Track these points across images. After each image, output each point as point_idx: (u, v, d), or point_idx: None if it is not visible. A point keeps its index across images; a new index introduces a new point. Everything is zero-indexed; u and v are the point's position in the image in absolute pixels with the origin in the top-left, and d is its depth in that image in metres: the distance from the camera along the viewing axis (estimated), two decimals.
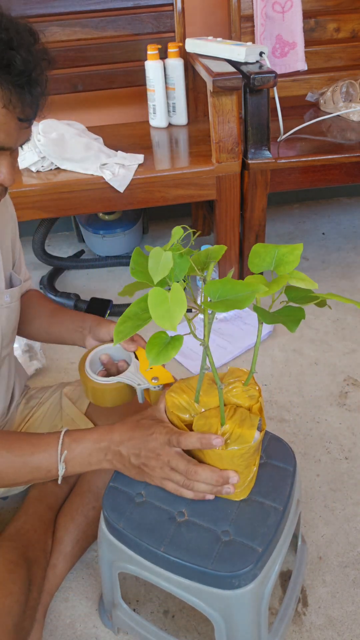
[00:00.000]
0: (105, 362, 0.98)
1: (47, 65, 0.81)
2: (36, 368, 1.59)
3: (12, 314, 0.98)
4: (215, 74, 1.48)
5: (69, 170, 1.62)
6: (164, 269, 0.64)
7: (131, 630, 0.99)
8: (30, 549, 0.99)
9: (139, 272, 0.70)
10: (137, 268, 0.71)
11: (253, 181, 1.64)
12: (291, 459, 0.89)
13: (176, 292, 0.63)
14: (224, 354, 1.62)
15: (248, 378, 0.82)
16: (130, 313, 0.69)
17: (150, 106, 1.86)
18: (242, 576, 0.74)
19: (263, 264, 0.71)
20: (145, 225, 2.30)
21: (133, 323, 0.68)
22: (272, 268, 0.70)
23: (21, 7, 1.76)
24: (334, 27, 1.93)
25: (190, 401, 0.81)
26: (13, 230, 1.03)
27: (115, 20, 1.83)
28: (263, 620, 0.81)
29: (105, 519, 0.84)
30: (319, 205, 2.43)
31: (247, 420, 0.79)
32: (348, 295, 1.86)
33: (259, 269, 0.71)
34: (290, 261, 0.69)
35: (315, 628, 1.00)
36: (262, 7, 1.80)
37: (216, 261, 0.72)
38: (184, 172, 1.60)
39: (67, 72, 1.88)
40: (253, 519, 0.80)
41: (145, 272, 0.69)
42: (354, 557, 1.11)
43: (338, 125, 1.83)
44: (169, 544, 0.77)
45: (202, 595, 0.77)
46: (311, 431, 1.38)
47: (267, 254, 0.71)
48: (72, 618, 1.05)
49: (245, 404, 0.81)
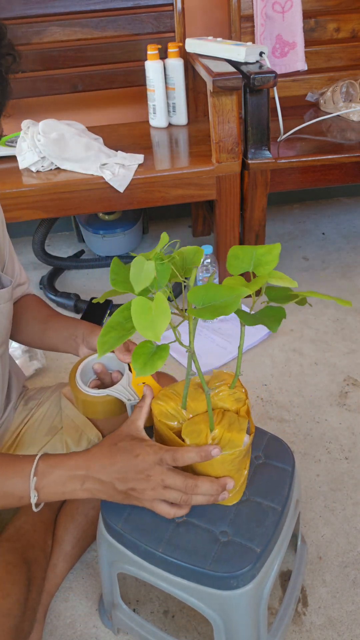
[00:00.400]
0: (98, 371, 0.94)
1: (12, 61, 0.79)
2: (36, 368, 1.59)
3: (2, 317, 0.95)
4: (215, 74, 1.48)
5: (69, 170, 1.62)
6: (146, 278, 0.62)
7: (131, 631, 0.99)
8: (30, 550, 0.99)
9: (119, 283, 0.69)
10: (118, 278, 0.69)
11: (253, 181, 1.64)
12: (290, 459, 0.89)
13: (159, 301, 0.61)
14: (224, 354, 1.62)
15: (234, 381, 0.81)
16: (114, 323, 0.67)
17: (150, 106, 1.86)
18: (240, 577, 0.74)
19: (242, 265, 0.70)
20: (145, 225, 2.30)
21: (117, 334, 0.66)
22: (251, 269, 0.70)
23: (21, 7, 1.76)
24: (334, 27, 1.93)
25: (178, 408, 0.80)
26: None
27: (115, 20, 1.83)
28: (262, 620, 0.81)
29: (103, 520, 0.84)
30: (319, 205, 2.43)
31: (235, 424, 0.78)
32: (348, 295, 1.86)
33: (238, 271, 0.70)
34: (269, 261, 0.69)
35: (315, 628, 1.00)
36: (262, 7, 1.80)
37: (197, 266, 0.71)
38: (184, 172, 1.60)
39: (67, 72, 1.88)
40: (251, 519, 0.80)
41: (126, 282, 0.67)
42: (354, 557, 1.11)
43: (338, 125, 1.82)
44: (167, 544, 0.77)
45: (200, 595, 0.77)
46: (311, 431, 1.38)
47: (246, 256, 0.70)
48: (72, 618, 1.05)
49: (233, 407, 0.80)
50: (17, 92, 1.85)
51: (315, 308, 1.81)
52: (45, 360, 1.64)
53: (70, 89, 1.90)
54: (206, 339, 1.69)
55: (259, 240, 1.76)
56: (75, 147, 1.60)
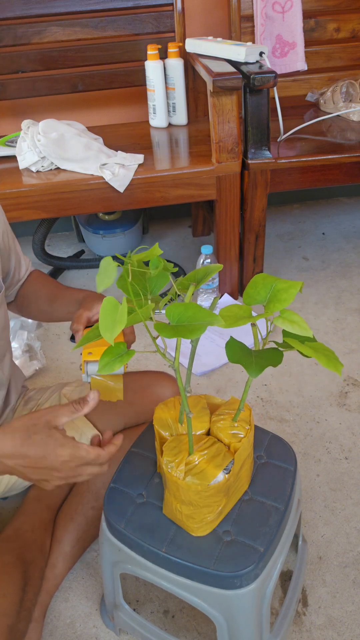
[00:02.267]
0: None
1: None
2: (36, 368, 1.59)
3: None
4: (215, 74, 1.48)
5: (69, 170, 1.62)
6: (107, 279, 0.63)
7: (133, 632, 0.99)
8: (28, 550, 0.99)
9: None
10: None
11: (253, 181, 1.64)
12: (292, 459, 0.89)
13: (123, 307, 0.62)
14: (224, 353, 1.62)
15: (236, 414, 0.79)
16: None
17: (150, 106, 1.86)
18: (244, 576, 0.74)
19: (257, 297, 0.68)
20: (145, 225, 2.30)
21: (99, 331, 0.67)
22: (265, 303, 0.67)
23: (21, 7, 1.75)
24: (334, 27, 1.93)
25: (175, 420, 0.80)
26: None
27: (115, 20, 1.83)
28: (265, 619, 0.81)
29: (106, 520, 0.84)
30: (319, 205, 2.43)
31: (217, 458, 0.75)
32: (348, 295, 1.86)
33: (252, 302, 0.68)
34: (283, 299, 0.65)
35: (315, 628, 1.01)
36: (262, 7, 1.80)
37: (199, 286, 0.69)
38: (184, 172, 1.60)
39: (67, 72, 1.88)
40: (254, 518, 0.80)
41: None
42: (354, 557, 1.11)
43: (338, 125, 1.83)
44: (170, 544, 0.77)
45: (204, 595, 0.77)
46: (311, 431, 1.38)
47: (264, 287, 0.68)
48: (72, 618, 1.05)
49: (226, 441, 0.78)
50: (17, 92, 1.86)
51: (315, 308, 1.81)
52: (45, 360, 1.64)
53: (70, 89, 1.90)
54: (206, 339, 1.69)
55: (259, 240, 1.76)
56: (75, 147, 1.60)
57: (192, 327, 0.61)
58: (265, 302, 0.67)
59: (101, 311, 0.63)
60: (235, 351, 0.65)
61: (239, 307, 0.66)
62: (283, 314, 0.64)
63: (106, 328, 0.62)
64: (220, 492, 0.75)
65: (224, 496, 0.76)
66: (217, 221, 1.70)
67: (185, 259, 2.13)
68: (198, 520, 0.76)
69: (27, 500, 1.11)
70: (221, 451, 0.77)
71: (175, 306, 0.63)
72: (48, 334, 1.78)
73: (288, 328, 0.63)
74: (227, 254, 1.76)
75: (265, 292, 0.67)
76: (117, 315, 0.62)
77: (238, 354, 0.65)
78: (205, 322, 0.61)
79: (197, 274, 0.70)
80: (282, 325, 0.64)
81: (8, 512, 1.22)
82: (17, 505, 1.22)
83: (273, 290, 0.67)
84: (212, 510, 0.76)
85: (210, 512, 0.76)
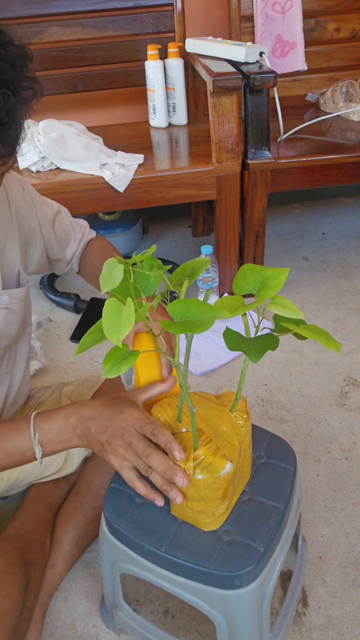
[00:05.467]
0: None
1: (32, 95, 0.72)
2: (36, 368, 1.59)
3: (12, 316, 0.94)
4: (215, 74, 1.48)
5: (69, 170, 1.62)
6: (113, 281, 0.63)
7: (133, 632, 0.99)
8: (29, 550, 0.99)
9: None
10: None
11: (253, 181, 1.64)
12: (292, 459, 0.89)
13: (128, 307, 0.62)
14: (223, 353, 1.62)
15: (234, 405, 0.80)
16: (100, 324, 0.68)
17: (150, 106, 1.86)
18: (244, 576, 0.74)
19: (247, 287, 0.69)
20: (145, 225, 2.30)
21: (98, 335, 0.67)
22: (255, 291, 0.69)
23: (21, 7, 1.75)
24: (334, 27, 1.93)
25: (174, 418, 0.80)
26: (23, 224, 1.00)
27: (115, 20, 1.83)
28: (265, 619, 0.81)
29: (106, 520, 0.84)
30: (319, 205, 2.43)
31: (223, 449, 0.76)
32: (348, 295, 1.86)
33: (241, 292, 0.69)
34: (273, 286, 0.67)
35: (315, 628, 1.01)
36: (262, 7, 1.80)
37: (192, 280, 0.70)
38: (184, 172, 1.60)
39: (67, 72, 1.88)
40: (254, 518, 0.80)
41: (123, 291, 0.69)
42: (354, 557, 1.11)
43: (338, 125, 1.83)
44: (170, 544, 0.77)
45: (203, 595, 0.77)
46: (311, 431, 1.38)
47: (252, 277, 0.69)
48: (72, 618, 1.05)
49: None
50: None
51: (315, 308, 1.81)
52: (45, 360, 1.64)
53: (70, 89, 1.90)
54: (206, 339, 1.69)
55: (259, 240, 1.76)
56: (75, 147, 1.60)
57: (199, 321, 0.62)
58: (255, 290, 0.69)
59: (104, 313, 0.62)
60: (234, 340, 0.66)
61: (232, 298, 0.67)
62: (274, 299, 0.66)
63: (112, 330, 0.61)
64: (229, 482, 0.76)
65: (231, 486, 0.78)
66: (217, 221, 1.70)
67: (185, 259, 2.13)
68: (210, 514, 0.77)
69: (27, 500, 1.11)
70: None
71: (177, 303, 0.64)
72: (48, 334, 1.78)
73: (280, 312, 0.65)
74: (227, 254, 1.76)
75: (254, 281, 0.69)
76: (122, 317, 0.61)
77: (237, 342, 0.66)
78: (211, 316, 0.62)
79: (186, 268, 0.71)
80: (275, 310, 0.65)
81: (8, 512, 1.22)
82: (17, 505, 1.22)
83: (262, 278, 0.69)
84: (221, 503, 0.77)
85: (219, 504, 0.77)
